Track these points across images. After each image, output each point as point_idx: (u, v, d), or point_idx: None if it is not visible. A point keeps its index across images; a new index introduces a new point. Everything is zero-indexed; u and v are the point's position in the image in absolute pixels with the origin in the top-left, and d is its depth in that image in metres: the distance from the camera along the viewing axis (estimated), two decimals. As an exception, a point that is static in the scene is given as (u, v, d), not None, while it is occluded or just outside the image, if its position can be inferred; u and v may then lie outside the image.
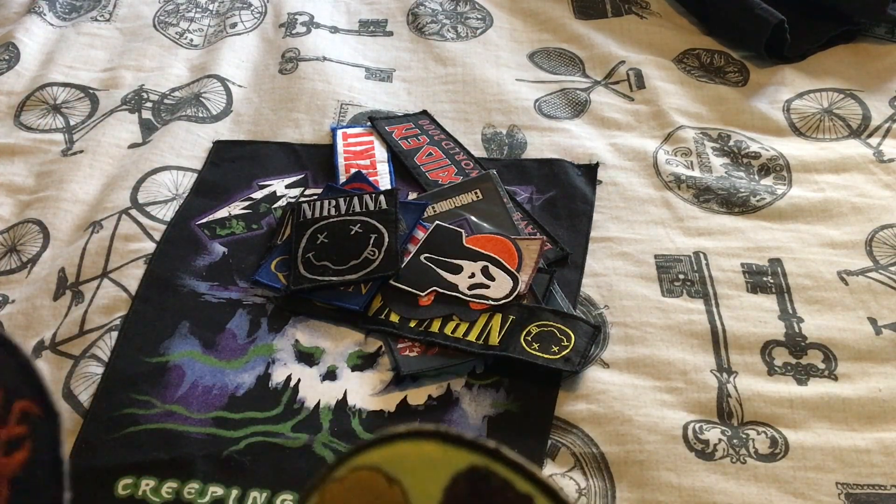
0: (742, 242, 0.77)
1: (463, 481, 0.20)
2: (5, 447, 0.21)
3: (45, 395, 0.21)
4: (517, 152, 0.88)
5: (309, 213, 0.77)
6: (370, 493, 0.20)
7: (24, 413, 0.21)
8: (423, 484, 0.20)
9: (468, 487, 0.19)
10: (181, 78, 1.00)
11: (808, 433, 0.61)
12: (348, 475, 0.21)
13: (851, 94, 0.94)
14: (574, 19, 1.07)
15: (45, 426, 0.21)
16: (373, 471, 0.21)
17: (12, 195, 0.85)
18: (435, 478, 0.20)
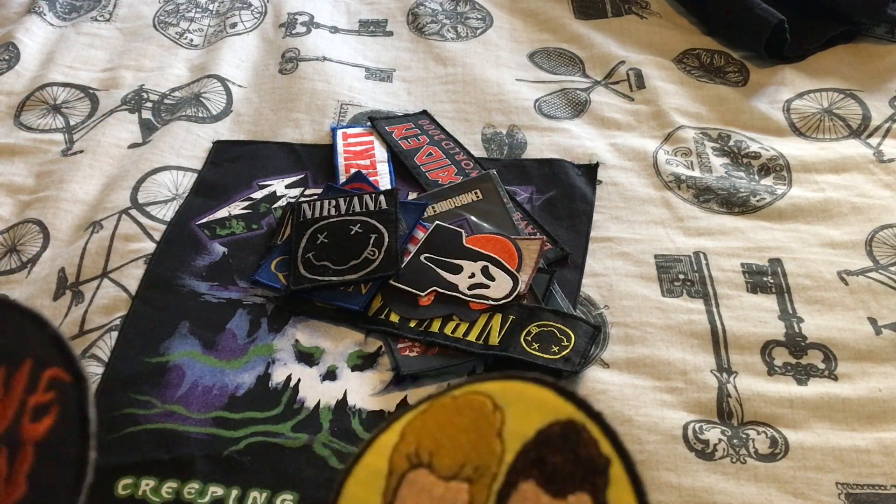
0: (742, 242, 0.77)
1: (559, 427, 0.22)
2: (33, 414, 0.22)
3: (74, 361, 0.23)
4: (517, 152, 0.88)
5: (309, 213, 0.77)
6: (474, 412, 0.23)
7: (53, 380, 0.22)
8: (523, 418, 0.23)
9: (561, 434, 0.22)
10: (181, 78, 1.00)
11: (808, 433, 0.61)
12: (463, 395, 0.24)
13: (851, 94, 0.94)
14: (574, 19, 1.07)
15: (73, 390, 0.22)
16: (485, 396, 0.23)
17: (12, 195, 0.85)
18: (536, 417, 0.23)
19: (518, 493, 0.22)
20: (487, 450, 0.23)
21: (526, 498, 0.22)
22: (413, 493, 0.23)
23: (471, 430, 0.23)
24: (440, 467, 0.23)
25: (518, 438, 0.23)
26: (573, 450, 0.22)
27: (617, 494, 0.21)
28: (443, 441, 0.23)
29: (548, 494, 0.22)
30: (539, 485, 0.22)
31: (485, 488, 0.23)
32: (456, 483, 0.23)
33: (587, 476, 0.21)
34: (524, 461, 0.22)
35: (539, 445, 0.22)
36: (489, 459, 0.23)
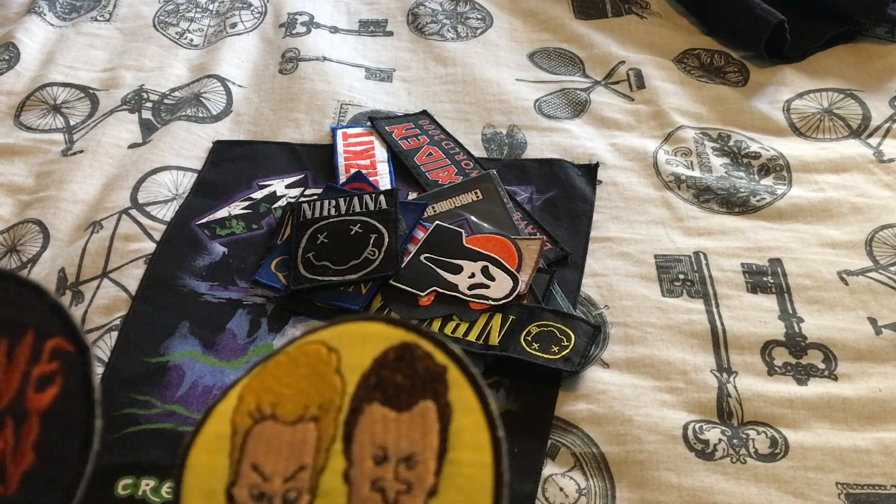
0: (742, 242, 0.77)
1: (393, 351, 0.23)
2: (37, 384, 0.22)
3: (76, 331, 0.23)
4: (517, 152, 0.88)
5: (309, 213, 0.77)
6: (309, 359, 0.24)
7: (56, 350, 0.23)
8: (358, 352, 0.24)
9: (396, 356, 0.23)
10: (181, 78, 1.00)
11: (808, 433, 0.62)
12: (296, 349, 0.24)
13: (851, 94, 0.94)
14: (574, 19, 1.07)
15: (76, 359, 0.23)
16: (317, 343, 0.24)
17: (12, 195, 0.85)
18: (370, 348, 0.24)
19: (364, 417, 0.23)
20: (328, 387, 0.24)
21: (373, 419, 0.23)
22: (261, 445, 0.24)
23: (309, 375, 0.24)
24: (284, 415, 0.24)
25: (356, 370, 0.24)
26: (410, 366, 0.23)
27: (457, 394, 0.22)
28: (282, 391, 0.24)
29: (393, 410, 0.23)
30: (383, 404, 0.23)
31: (331, 422, 0.24)
32: (302, 424, 0.24)
33: (427, 385, 0.23)
34: (365, 388, 0.23)
35: (377, 370, 0.23)
36: (331, 395, 0.24)
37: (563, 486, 0.59)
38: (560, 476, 0.60)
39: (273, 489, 0.24)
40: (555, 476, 0.60)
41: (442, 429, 0.22)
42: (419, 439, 0.22)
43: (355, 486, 0.23)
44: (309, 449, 0.24)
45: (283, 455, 0.24)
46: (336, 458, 0.23)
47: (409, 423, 0.23)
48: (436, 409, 0.22)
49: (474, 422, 0.22)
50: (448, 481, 0.22)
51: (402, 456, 0.23)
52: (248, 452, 0.24)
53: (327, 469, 0.23)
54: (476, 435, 0.22)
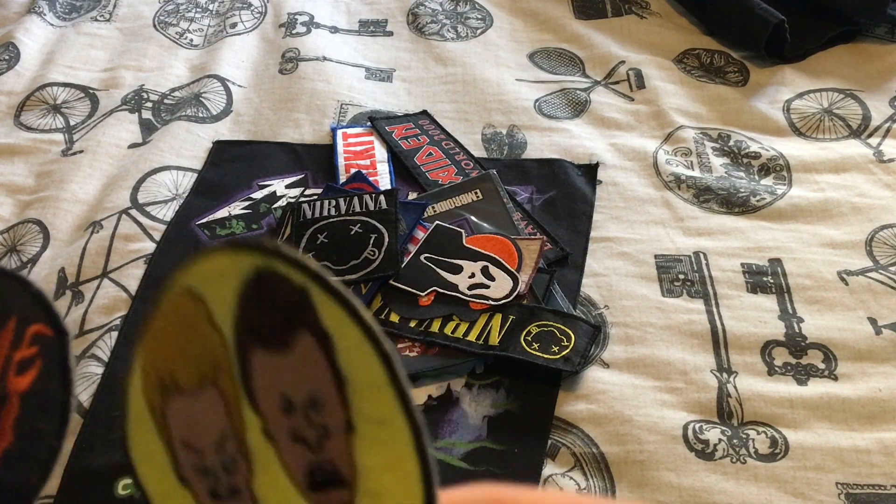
0: (742, 242, 0.77)
1: (251, 285, 0.20)
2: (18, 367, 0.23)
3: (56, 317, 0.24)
4: (517, 152, 0.88)
5: (309, 213, 0.77)
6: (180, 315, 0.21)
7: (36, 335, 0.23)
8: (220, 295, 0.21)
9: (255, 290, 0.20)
10: (181, 78, 1.00)
11: (808, 433, 0.61)
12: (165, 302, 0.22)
13: (851, 94, 0.94)
14: (574, 19, 1.07)
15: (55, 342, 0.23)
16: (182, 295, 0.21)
17: (12, 195, 0.85)
18: (229, 287, 0.21)
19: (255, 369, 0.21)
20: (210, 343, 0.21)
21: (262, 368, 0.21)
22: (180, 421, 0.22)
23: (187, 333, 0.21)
24: (185, 384, 0.22)
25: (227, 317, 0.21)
26: (270, 298, 0.20)
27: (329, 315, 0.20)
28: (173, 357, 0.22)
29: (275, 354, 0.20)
30: (264, 349, 0.21)
31: (229, 381, 0.21)
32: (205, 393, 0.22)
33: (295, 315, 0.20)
34: (241, 336, 0.21)
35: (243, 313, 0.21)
36: (216, 352, 0.21)
37: (563, 486, 0.59)
38: (560, 476, 0.60)
39: (211, 461, 0.22)
40: (555, 476, 0.60)
41: (328, 359, 0.20)
42: (313, 377, 0.20)
43: (279, 441, 0.21)
44: (220, 415, 0.22)
45: (201, 427, 0.22)
46: (250, 417, 0.21)
47: (296, 363, 0.20)
48: (315, 340, 0.20)
49: (355, 341, 0.20)
50: (358, 413, 0.20)
51: (306, 400, 0.20)
52: (173, 430, 0.22)
53: (247, 430, 0.21)
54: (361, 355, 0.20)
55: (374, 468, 0.21)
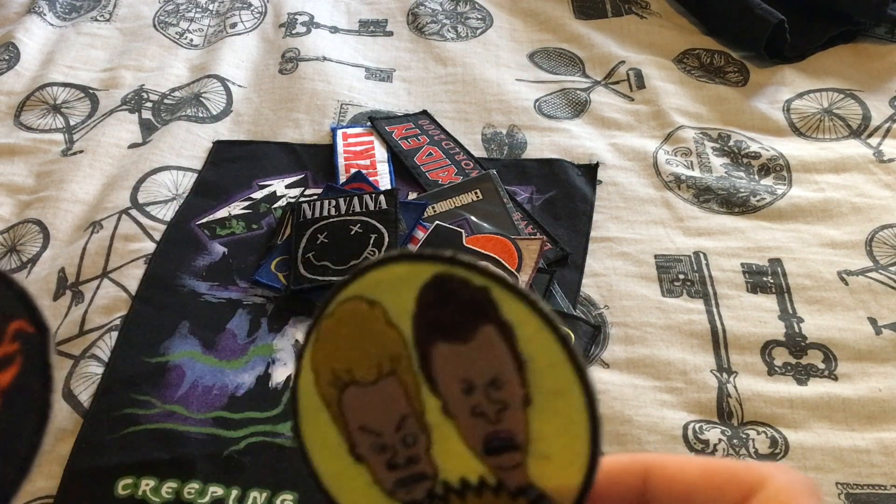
0: (742, 242, 0.77)
1: (429, 288, 0.23)
2: None
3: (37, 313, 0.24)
4: (517, 152, 0.88)
5: (309, 213, 0.77)
6: (356, 319, 0.24)
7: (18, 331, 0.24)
8: (398, 299, 0.24)
9: (434, 292, 0.23)
10: (181, 78, 1.00)
11: (808, 433, 0.62)
12: (336, 310, 0.25)
13: (851, 94, 0.94)
14: (574, 19, 1.07)
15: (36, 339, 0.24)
16: (355, 300, 0.24)
17: (12, 195, 0.85)
18: (407, 292, 0.24)
19: (436, 359, 0.24)
20: (389, 341, 0.24)
21: (444, 358, 0.24)
22: (357, 410, 0.25)
23: (364, 334, 0.24)
24: (363, 377, 0.24)
25: (405, 317, 0.24)
26: (453, 298, 0.23)
27: (509, 308, 0.23)
28: (348, 356, 0.24)
29: (458, 345, 0.23)
30: (446, 342, 0.24)
31: (408, 371, 0.24)
32: (383, 381, 0.24)
33: (478, 310, 0.23)
34: (421, 331, 0.24)
35: (424, 311, 0.24)
36: (395, 348, 0.24)
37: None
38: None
39: (390, 440, 0.25)
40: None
41: (510, 347, 0.23)
42: (494, 362, 0.23)
43: (458, 417, 0.24)
44: (400, 400, 0.24)
45: (381, 412, 0.25)
46: (429, 400, 0.24)
47: (478, 351, 0.23)
48: (496, 331, 0.23)
49: (534, 328, 0.23)
50: (536, 388, 0.23)
51: (486, 381, 0.23)
52: (350, 418, 0.25)
53: (426, 411, 0.25)
54: (542, 342, 0.23)
55: (547, 434, 0.24)
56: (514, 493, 0.25)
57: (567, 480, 0.24)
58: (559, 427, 0.24)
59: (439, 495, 0.25)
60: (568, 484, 0.24)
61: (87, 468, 0.59)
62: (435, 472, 0.25)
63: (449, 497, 0.25)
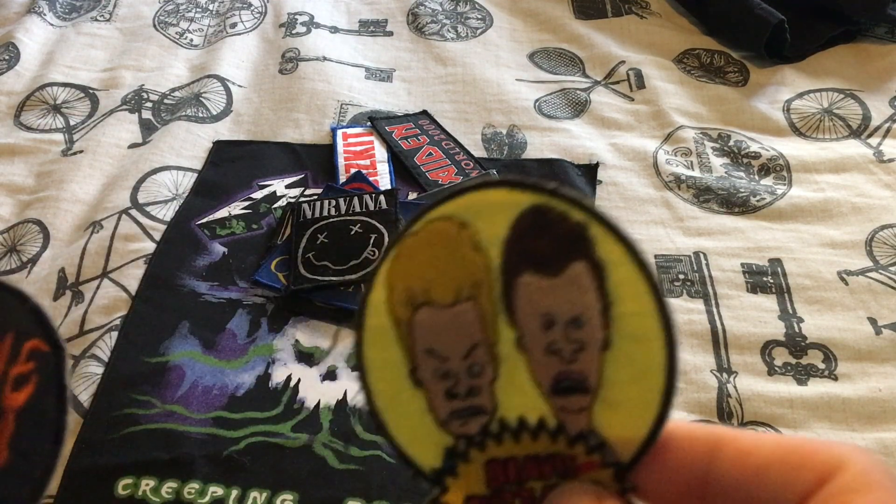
0: (742, 242, 0.77)
1: (526, 217, 0.23)
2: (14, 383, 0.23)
3: (53, 333, 0.24)
4: (517, 152, 0.88)
5: (309, 213, 0.77)
6: (443, 239, 0.24)
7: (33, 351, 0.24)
8: (490, 224, 0.23)
9: (531, 221, 0.23)
10: (181, 78, 1.00)
11: (808, 433, 0.61)
12: (423, 228, 0.24)
13: (851, 94, 0.94)
14: (574, 19, 1.07)
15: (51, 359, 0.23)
16: (445, 220, 0.24)
17: (12, 195, 0.85)
18: (501, 218, 0.23)
19: (520, 290, 0.23)
20: (473, 265, 0.23)
21: (528, 289, 0.23)
22: (427, 332, 0.24)
23: (448, 255, 0.24)
24: (439, 299, 0.24)
25: (496, 243, 0.23)
26: (549, 230, 0.23)
27: (605, 249, 0.22)
28: (428, 275, 0.24)
29: (546, 277, 0.23)
30: (534, 273, 0.23)
31: (487, 299, 0.24)
32: (460, 306, 0.24)
33: (572, 245, 0.23)
34: (510, 259, 0.23)
35: (516, 240, 0.23)
36: (479, 273, 0.23)
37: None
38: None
39: (455, 367, 0.24)
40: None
41: (598, 286, 0.23)
42: (579, 300, 0.23)
43: (531, 352, 0.24)
44: (474, 327, 0.24)
45: (451, 337, 0.24)
46: (504, 330, 0.24)
47: (566, 287, 0.23)
48: (588, 269, 0.23)
49: (628, 273, 0.23)
50: (618, 333, 0.23)
51: (568, 319, 0.23)
52: (418, 340, 0.24)
53: (499, 342, 0.24)
54: (633, 286, 0.23)
55: (620, 381, 0.23)
56: (573, 438, 0.24)
57: (631, 432, 0.24)
58: (634, 375, 0.23)
59: (493, 433, 0.25)
60: (631, 436, 0.24)
61: (87, 468, 0.59)
62: (493, 408, 0.25)
63: (503, 436, 0.25)
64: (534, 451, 0.25)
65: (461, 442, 0.25)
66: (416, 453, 0.25)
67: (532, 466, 0.24)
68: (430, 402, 0.25)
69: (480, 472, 0.25)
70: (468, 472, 0.25)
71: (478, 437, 0.25)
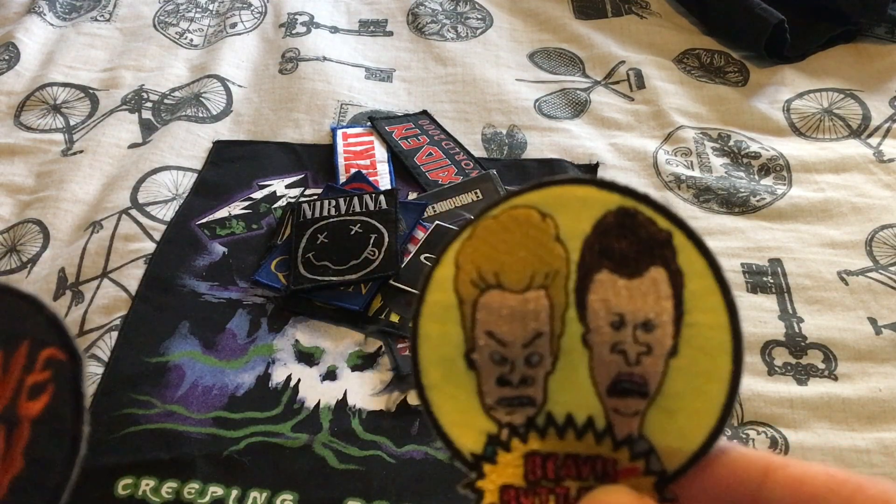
0: (742, 242, 0.77)
1: (612, 217, 0.23)
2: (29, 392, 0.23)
3: (70, 341, 0.24)
4: (517, 152, 0.88)
5: (309, 213, 0.77)
6: (523, 226, 0.23)
7: (49, 359, 0.23)
8: (574, 218, 0.23)
9: (616, 222, 0.23)
10: (181, 78, 1.00)
11: (808, 433, 0.62)
12: (503, 213, 0.24)
13: (851, 94, 0.94)
14: (574, 19, 1.07)
15: (68, 367, 0.23)
16: (528, 208, 0.24)
17: (12, 195, 0.85)
18: (587, 214, 0.23)
19: (595, 284, 0.23)
20: (551, 255, 0.23)
21: (604, 287, 0.23)
22: (492, 314, 0.24)
23: (526, 242, 0.23)
24: (510, 283, 0.24)
25: (577, 237, 0.23)
26: (633, 232, 0.23)
27: (686, 258, 0.23)
28: (502, 259, 0.24)
29: (623, 278, 0.23)
30: (612, 272, 0.23)
31: (560, 290, 0.23)
32: (531, 293, 0.24)
33: (654, 251, 0.23)
34: (590, 255, 0.23)
35: (599, 237, 0.23)
36: (556, 263, 0.23)
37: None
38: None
39: (513, 354, 0.24)
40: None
41: (675, 294, 0.23)
42: (654, 305, 0.23)
43: (596, 349, 0.24)
44: (543, 316, 0.24)
45: (516, 323, 0.24)
46: (572, 324, 0.24)
47: (642, 290, 0.23)
48: (666, 276, 0.23)
49: (706, 286, 0.23)
50: (687, 342, 0.23)
51: (639, 321, 0.23)
52: (480, 321, 0.24)
53: (565, 335, 0.24)
54: (709, 298, 0.23)
55: (681, 391, 0.23)
56: (620, 441, 0.24)
57: (682, 443, 0.24)
58: (696, 386, 0.23)
59: (538, 426, 0.24)
60: (681, 447, 0.23)
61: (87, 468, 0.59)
62: (543, 401, 0.24)
63: (547, 430, 0.24)
64: (576, 450, 0.24)
65: (504, 430, 0.25)
66: (457, 435, 0.25)
67: (571, 465, 0.24)
68: (480, 385, 0.25)
69: (519, 464, 0.24)
70: (507, 461, 0.25)
71: (522, 428, 0.25)
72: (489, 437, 0.25)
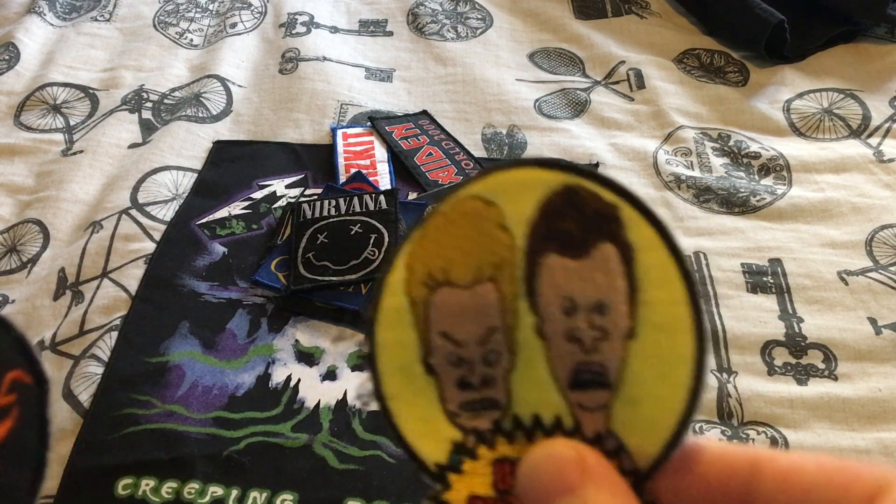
0: (742, 242, 0.77)
1: (556, 196, 0.22)
2: None
3: (36, 363, 0.23)
4: (517, 152, 0.88)
5: (309, 213, 0.77)
6: (469, 217, 0.23)
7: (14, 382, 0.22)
8: (518, 203, 0.22)
9: (560, 201, 0.22)
10: (181, 78, 1.00)
11: (808, 433, 0.62)
12: (450, 207, 0.23)
13: (851, 94, 0.94)
14: (574, 19, 1.07)
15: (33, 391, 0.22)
16: (472, 199, 0.23)
17: (12, 195, 0.85)
18: (529, 197, 0.22)
19: (542, 270, 0.22)
20: (497, 244, 0.22)
21: (552, 271, 0.22)
22: (444, 314, 0.23)
23: (472, 233, 0.23)
24: (458, 279, 0.23)
25: (521, 222, 0.22)
26: (578, 210, 0.22)
27: (635, 232, 0.21)
28: (450, 255, 0.23)
29: (571, 259, 0.22)
30: (559, 254, 0.22)
31: (508, 280, 0.23)
32: (480, 286, 0.23)
33: (601, 227, 0.22)
34: (536, 239, 0.22)
35: (544, 219, 0.22)
36: (502, 252, 0.22)
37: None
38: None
39: (470, 353, 0.23)
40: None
41: (627, 271, 0.21)
42: (605, 284, 0.22)
43: (551, 340, 0.22)
44: (493, 310, 0.23)
45: (469, 320, 0.23)
46: (524, 315, 0.23)
47: (592, 270, 0.22)
48: (616, 252, 0.21)
49: (659, 259, 0.21)
50: (644, 321, 0.22)
51: (592, 304, 0.22)
52: (434, 322, 0.23)
53: (518, 327, 0.23)
54: (663, 272, 0.21)
55: (644, 377, 0.22)
56: (590, 440, 0.22)
57: (651, 437, 0.22)
58: (659, 371, 0.22)
59: (505, 430, 0.23)
60: (651, 440, 0.22)
61: (86, 468, 0.59)
62: (507, 403, 0.23)
63: (515, 434, 0.23)
64: None
65: (470, 437, 0.23)
66: (421, 446, 0.24)
67: None
68: (441, 391, 0.24)
69: (487, 472, 0.23)
70: (474, 470, 0.23)
71: (488, 434, 0.23)
72: (454, 445, 0.23)
